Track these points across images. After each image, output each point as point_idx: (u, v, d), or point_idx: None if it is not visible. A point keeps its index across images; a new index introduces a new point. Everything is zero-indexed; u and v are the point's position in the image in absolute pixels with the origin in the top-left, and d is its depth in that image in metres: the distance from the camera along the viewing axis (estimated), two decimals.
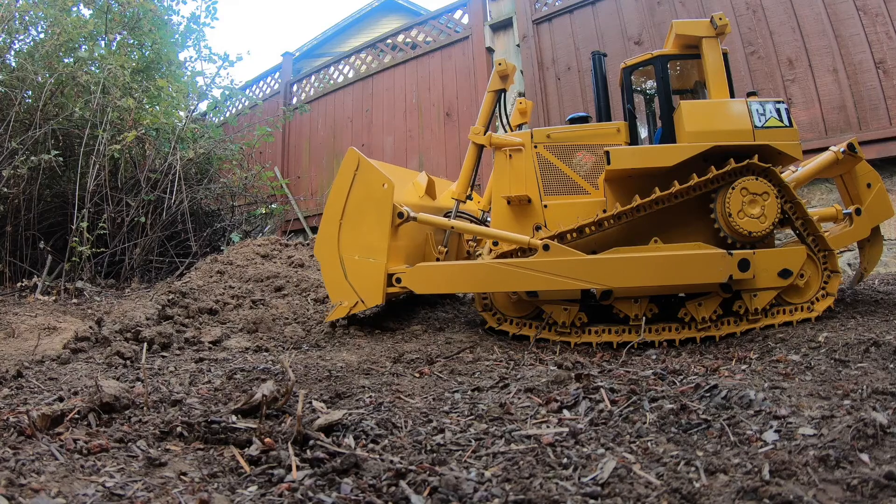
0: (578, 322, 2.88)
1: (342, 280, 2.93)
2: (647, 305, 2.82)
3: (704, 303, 2.76)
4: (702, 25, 3.02)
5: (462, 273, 2.88)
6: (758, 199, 2.76)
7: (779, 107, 2.90)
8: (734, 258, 2.65)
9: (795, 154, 2.85)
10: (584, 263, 2.72)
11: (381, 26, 11.64)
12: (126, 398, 1.63)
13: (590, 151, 3.19)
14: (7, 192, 4.68)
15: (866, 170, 3.06)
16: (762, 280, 2.73)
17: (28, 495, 1.07)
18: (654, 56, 3.16)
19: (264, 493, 1.16)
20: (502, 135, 3.32)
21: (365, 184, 2.94)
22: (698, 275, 2.66)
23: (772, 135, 2.85)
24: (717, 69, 3.01)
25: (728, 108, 2.93)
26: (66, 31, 5.25)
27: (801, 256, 2.75)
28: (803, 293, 2.81)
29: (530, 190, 3.18)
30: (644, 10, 5.66)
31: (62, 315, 3.30)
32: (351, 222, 2.94)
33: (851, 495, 1.00)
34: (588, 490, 1.12)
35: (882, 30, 4.43)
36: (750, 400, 1.48)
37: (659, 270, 2.67)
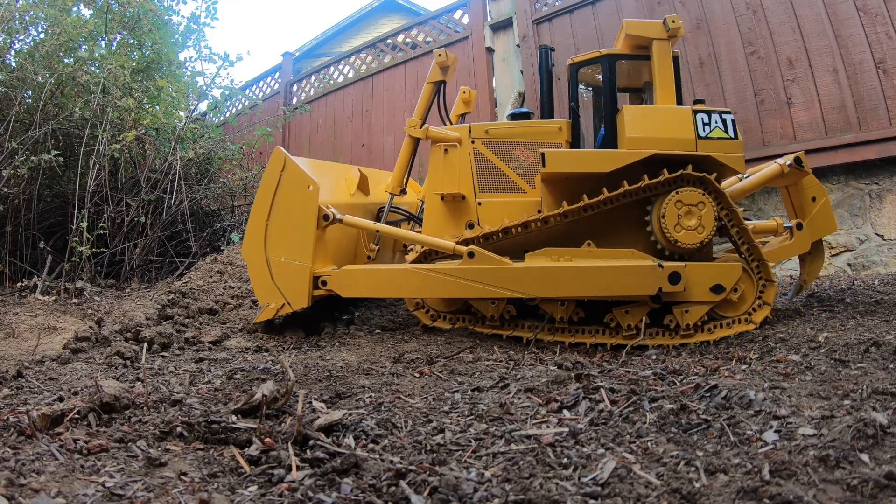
0: (507, 315, 2.85)
1: (269, 282, 2.88)
2: (574, 309, 2.78)
3: (632, 311, 2.70)
4: (654, 27, 2.94)
5: (385, 278, 2.86)
6: (694, 211, 2.67)
7: (725, 117, 2.81)
8: (664, 271, 2.58)
9: (738, 167, 2.78)
10: (508, 272, 2.68)
11: (381, 26, 11.64)
12: (126, 398, 1.63)
13: (529, 149, 3.10)
14: (7, 192, 4.68)
15: (812, 183, 3.01)
16: (694, 294, 2.66)
17: (28, 495, 1.07)
18: (601, 54, 3.07)
19: (264, 493, 1.16)
20: (440, 128, 3.25)
21: (290, 185, 2.89)
22: (626, 287, 2.62)
23: (715, 146, 2.77)
24: (665, 73, 2.92)
25: (671, 116, 2.85)
26: (66, 31, 5.25)
27: (735, 272, 2.67)
28: (738, 307, 2.72)
29: (465, 187, 3.12)
30: (644, 10, 5.66)
31: (62, 315, 3.29)
32: (277, 224, 2.89)
33: (851, 495, 1.00)
34: (588, 490, 1.12)
35: (882, 30, 4.43)
36: (750, 400, 1.48)
37: (584, 281, 2.62)
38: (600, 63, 3.09)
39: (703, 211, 2.67)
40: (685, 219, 2.67)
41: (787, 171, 2.99)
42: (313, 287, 2.85)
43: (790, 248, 2.97)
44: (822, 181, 4.71)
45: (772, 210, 4.90)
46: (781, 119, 4.83)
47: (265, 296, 2.91)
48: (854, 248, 4.52)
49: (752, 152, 4.90)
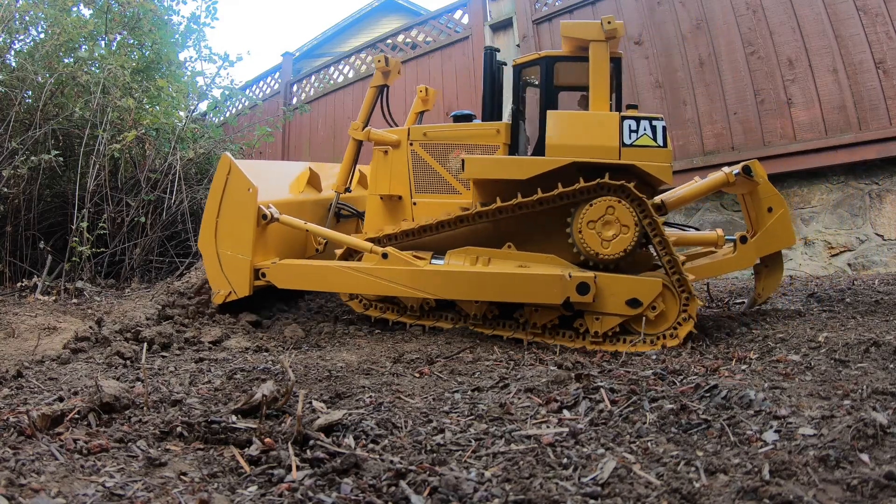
0: (427, 307, 2.98)
1: (219, 272, 3.18)
2: (488, 307, 2.84)
3: (542, 311, 2.74)
4: (590, 28, 2.87)
5: (314, 273, 3.06)
6: (612, 221, 2.63)
7: (655, 124, 2.69)
8: (573, 281, 2.57)
9: (664, 177, 2.65)
10: (419, 274, 2.79)
11: (381, 26, 11.64)
12: (126, 398, 1.63)
13: (466, 151, 3.11)
14: (7, 192, 4.68)
15: (768, 193, 2.89)
16: (608, 305, 2.63)
17: (28, 495, 1.07)
18: (541, 56, 3.04)
19: (264, 493, 1.16)
20: (381, 131, 3.34)
21: (234, 187, 3.13)
22: (533, 295, 2.64)
23: (640, 154, 2.67)
24: (599, 76, 2.84)
25: (596, 122, 2.76)
26: (66, 31, 5.25)
27: (654, 288, 2.59)
28: (657, 324, 2.64)
29: (402, 187, 3.22)
30: (644, 10, 5.66)
31: (62, 315, 3.29)
32: (225, 221, 3.16)
33: (851, 495, 1.00)
34: (588, 490, 1.12)
35: (882, 30, 4.43)
36: (750, 400, 1.48)
37: (492, 287, 2.68)
38: (539, 65, 3.05)
39: (623, 221, 2.61)
40: (603, 229, 2.64)
41: (734, 181, 2.89)
42: (254, 278, 3.12)
43: (731, 263, 2.87)
44: (822, 181, 4.74)
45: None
46: (781, 119, 4.83)
47: (216, 284, 3.22)
48: (854, 248, 4.52)
49: (753, 152, 4.90)
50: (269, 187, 3.27)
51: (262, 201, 3.10)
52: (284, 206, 3.26)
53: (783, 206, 2.87)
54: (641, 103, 5.59)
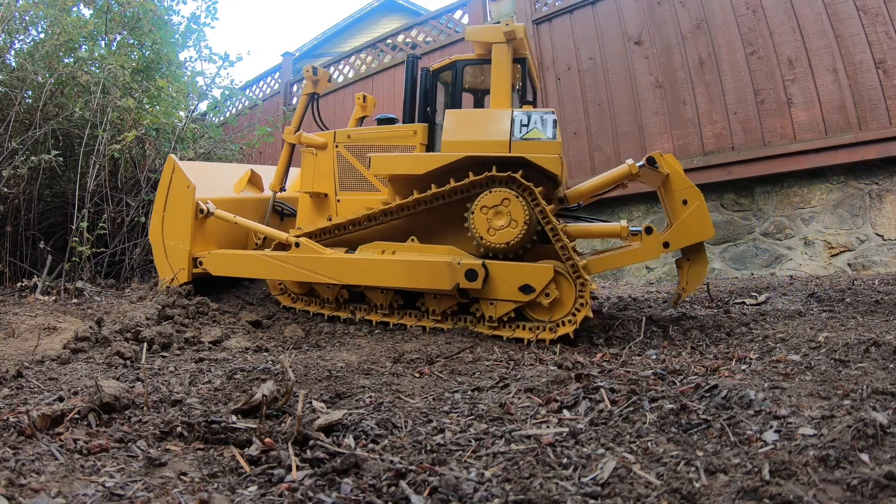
0: (341, 298, 3.25)
1: (164, 260, 3.61)
2: (393, 296, 3.08)
3: (440, 299, 2.94)
4: (491, 31, 3.05)
5: (241, 261, 3.39)
6: (503, 211, 2.75)
7: (546, 117, 2.83)
8: (461, 268, 2.74)
9: (552, 168, 2.77)
10: (325, 262, 3.09)
11: (381, 26, 11.65)
12: (126, 398, 1.63)
13: (386, 152, 3.33)
14: (7, 192, 4.68)
15: (683, 185, 2.91)
16: (502, 291, 2.76)
17: (28, 495, 1.07)
18: (453, 60, 3.27)
19: (264, 493, 1.16)
20: (311, 134, 3.65)
21: (177, 185, 3.56)
22: (426, 280, 2.83)
23: (529, 147, 2.81)
24: (499, 76, 3.02)
25: (489, 118, 2.94)
26: (66, 31, 5.24)
27: (546, 274, 2.70)
28: (553, 311, 2.74)
29: (327, 186, 3.54)
30: (644, 10, 5.66)
31: (62, 315, 3.29)
32: (170, 215, 3.59)
33: (851, 495, 1.00)
34: (588, 490, 1.12)
35: (882, 30, 4.43)
36: (750, 400, 1.48)
37: (388, 273, 2.92)
38: (451, 69, 3.28)
39: (513, 212, 2.73)
40: (494, 219, 2.77)
41: (637, 172, 2.98)
42: (193, 266, 3.53)
43: (635, 254, 2.93)
44: (822, 181, 4.75)
45: (772, 209, 4.91)
46: (781, 119, 4.83)
47: (162, 271, 3.65)
48: (854, 248, 4.52)
49: (753, 152, 4.91)
50: (212, 186, 3.70)
51: (200, 198, 3.49)
52: (226, 203, 3.66)
53: (699, 198, 2.88)
54: (641, 103, 5.60)
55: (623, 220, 3.65)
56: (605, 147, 5.79)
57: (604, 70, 5.89)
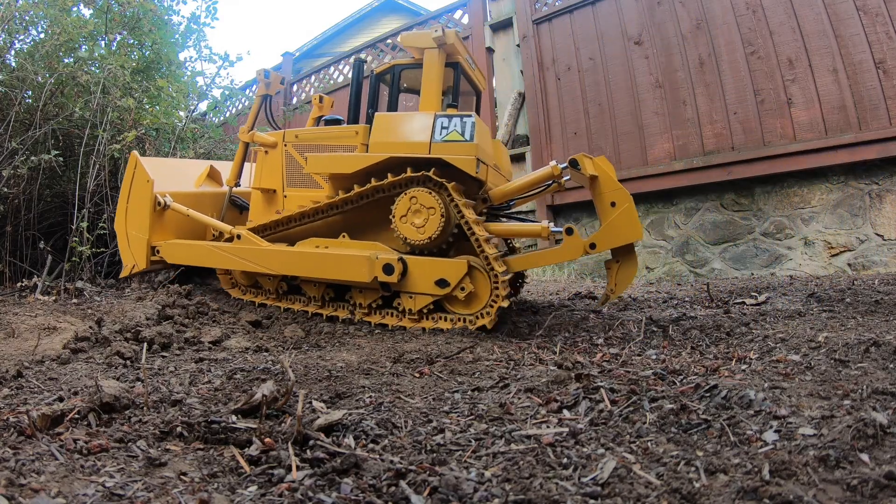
0: (280, 290, 3.52)
1: (127, 248, 3.89)
2: (325, 289, 3.32)
3: (365, 292, 3.16)
4: (422, 37, 3.20)
5: (192, 250, 3.65)
6: (422, 210, 2.95)
7: (465, 120, 2.98)
8: (379, 262, 2.95)
9: (466, 168, 2.90)
10: (260, 253, 3.34)
11: (381, 26, 11.65)
12: (126, 398, 1.63)
13: (329, 151, 3.49)
14: (7, 192, 4.68)
15: (612, 187, 2.97)
16: (419, 285, 2.96)
17: (28, 495, 1.07)
18: (392, 65, 3.42)
19: (264, 493, 1.16)
20: (263, 134, 3.88)
21: (138, 179, 3.83)
22: (346, 272, 3.04)
23: (447, 148, 2.96)
24: (429, 80, 3.17)
25: (413, 121, 3.12)
26: (66, 31, 5.25)
27: (460, 270, 2.87)
28: (469, 305, 2.93)
29: (276, 182, 3.77)
30: (644, 10, 5.66)
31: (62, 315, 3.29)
32: (132, 206, 3.86)
33: (851, 495, 1.00)
34: (588, 490, 1.12)
35: (882, 30, 4.43)
36: (750, 400, 1.48)
37: (317, 265, 3.14)
38: (390, 73, 3.44)
39: (432, 213, 2.93)
40: (413, 216, 2.98)
41: (560, 173, 3.11)
42: (151, 254, 3.80)
43: (556, 254, 3.00)
44: (822, 181, 4.75)
45: (772, 209, 4.91)
46: (781, 119, 4.83)
47: (125, 258, 3.92)
48: (854, 248, 4.52)
49: (753, 152, 4.91)
50: (172, 181, 3.97)
51: (159, 191, 3.75)
52: (185, 196, 3.92)
53: (627, 200, 2.93)
54: (641, 103, 5.60)
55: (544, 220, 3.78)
56: (606, 147, 5.79)
57: (604, 70, 5.89)
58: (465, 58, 3.41)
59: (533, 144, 6.35)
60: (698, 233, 5.27)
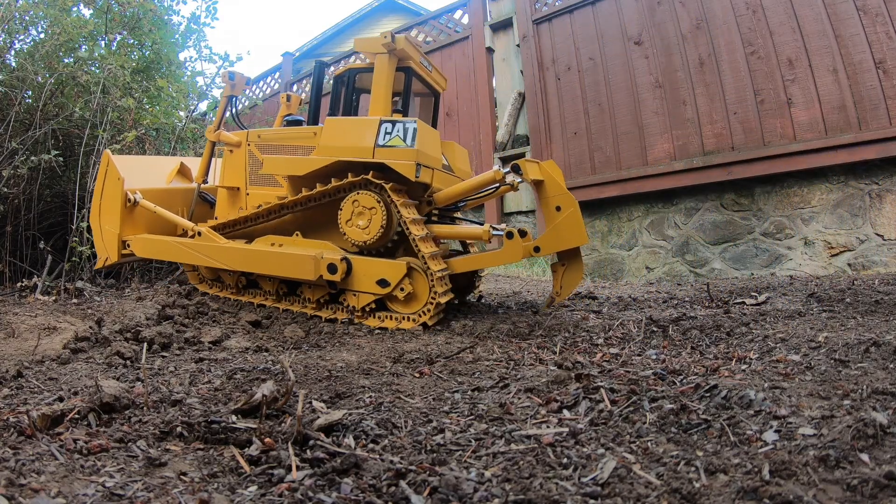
0: (240, 285, 3.65)
1: (100, 240, 4.04)
2: (279, 285, 3.45)
3: (314, 288, 3.30)
4: (374, 42, 3.26)
5: (159, 245, 3.80)
6: (365, 212, 3.09)
7: (408, 126, 3.05)
8: (324, 261, 3.08)
9: (406, 173, 3.00)
10: (217, 249, 3.47)
11: (381, 26, 11.65)
12: (126, 398, 1.63)
13: (289, 151, 3.61)
14: (7, 192, 4.68)
15: (557, 192, 3.01)
16: (363, 284, 3.09)
17: (28, 495, 1.07)
18: (347, 68, 3.52)
19: (264, 493, 1.16)
20: (229, 133, 3.98)
21: (110, 177, 3.98)
22: (294, 270, 3.16)
23: (388, 153, 3.06)
24: (378, 84, 3.24)
25: (359, 126, 3.19)
26: (66, 31, 5.25)
27: (399, 271, 2.99)
28: (409, 304, 3.04)
29: (240, 180, 3.88)
30: (644, 10, 5.66)
31: (62, 315, 3.29)
32: (105, 202, 4.02)
33: (851, 495, 1.00)
34: (588, 490, 1.12)
35: (882, 30, 4.43)
36: (750, 400, 1.48)
37: (268, 262, 3.27)
38: (347, 76, 3.52)
39: (374, 215, 3.06)
40: (357, 218, 3.12)
41: (502, 177, 3.13)
42: (121, 247, 3.95)
43: (496, 256, 3.07)
44: (822, 181, 4.74)
45: (772, 209, 4.91)
46: (781, 119, 4.83)
47: (99, 251, 4.07)
48: (854, 248, 4.52)
49: (753, 152, 4.91)
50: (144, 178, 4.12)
51: (130, 188, 3.92)
52: (154, 193, 4.07)
53: (573, 205, 2.97)
54: (641, 103, 5.60)
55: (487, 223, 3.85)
56: (605, 147, 5.79)
57: (604, 70, 5.89)
58: (418, 61, 3.46)
59: (533, 144, 6.35)
60: (698, 233, 5.27)
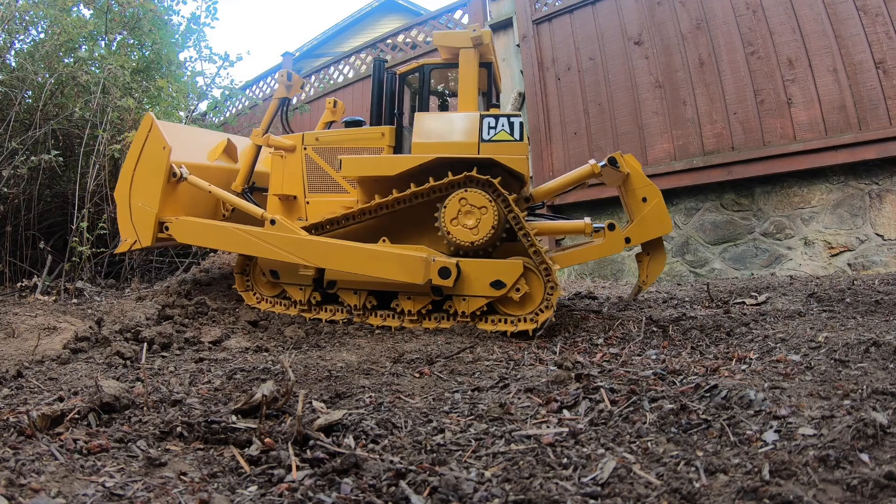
0: (314, 300, 3.26)
1: (128, 221, 3.45)
2: (367, 297, 3.12)
3: (414, 298, 3.00)
4: (459, 36, 3.10)
5: (210, 231, 3.31)
6: (474, 211, 2.84)
7: (513, 120, 2.92)
8: (436, 265, 2.81)
9: (519, 168, 2.87)
10: (301, 243, 3.05)
11: (381, 26, 11.65)
12: (126, 398, 1.63)
13: (354, 154, 3.33)
14: (7, 192, 4.68)
15: (643, 183, 3.04)
16: (474, 287, 2.86)
17: (28, 495, 1.07)
18: (420, 64, 3.32)
19: (264, 493, 1.16)
20: (279, 137, 3.58)
21: (152, 144, 3.39)
22: (398, 272, 2.85)
23: (497, 148, 2.90)
24: (467, 80, 3.08)
25: (458, 121, 3.02)
26: (66, 31, 5.25)
27: (516, 270, 2.81)
28: (524, 306, 2.86)
29: (296, 188, 3.50)
30: (644, 10, 5.66)
31: (62, 315, 3.29)
32: (140, 175, 3.42)
33: (851, 495, 1.00)
34: (588, 490, 1.12)
35: (882, 30, 4.43)
36: (750, 400, 1.48)
37: (362, 260, 2.91)
38: (419, 72, 3.32)
39: (484, 214, 2.83)
40: (465, 218, 2.86)
41: (599, 171, 3.09)
42: (158, 230, 3.37)
43: (599, 249, 3.07)
44: (822, 181, 4.74)
45: (772, 209, 4.91)
46: (781, 119, 4.83)
47: (125, 232, 3.47)
48: (854, 248, 4.52)
49: (753, 152, 4.91)
50: (187, 150, 3.54)
51: (174, 161, 3.35)
52: (197, 169, 3.50)
53: (657, 195, 3.03)
54: (641, 103, 5.60)
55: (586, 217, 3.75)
56: (606, 147, 5.79)
57: (604, 70, 5.89)
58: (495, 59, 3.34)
59: (533, 144, 6.35)
60: (698, 233, 5.27)
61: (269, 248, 3.10)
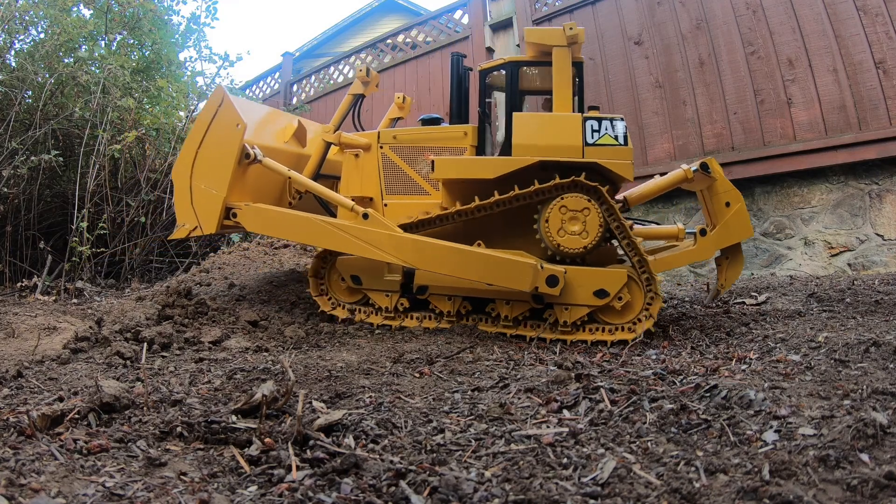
0: (401, 307, 3.04)
1: (188, 205, 3.11)
2: (461, 303, 2.96)
3: (512, 304, 2.86)
4: (554, 34, 2.93)
5: (288, 221, 3.04)
6: (579, 217, 2.73)
7: (616, 123, 2.81)
8: (544, 272, 2.68)
9: (625, 174, 2.77)
10: (394, 239, 2.83)
11: (381, 26, 11.64)
12: (126, 398, 1.63)
13: (434, 154, 3.15)
14: (7, 192, 4.68)
15: (726, 188, 3.00)
16: (577, 296, 2.75)
17: (28, 495, 1.07)
18: (506, 61, 3.12)
19: (264, 493, 1.16)
20: (352, 134, 3.31)
21: (223, 120, 3.06)
22: (504, 278, 2.71)
23: (602, 152, 2.79)
24: (562, 80, 2.93)
25: (560, 123, 2.86)
26: (66, 31, 5.25)
27: (620, 279, 2.73)
28: (623, 314, 2.79)
29: (373, 189, 3.25)
30: (644, 10, 5.66)
31: (62, 315, 3.29)
32: (205, 153, 3.08)
33: (851, 495, 1.00)
34: (588, 490, 1.12)
35: (882, 30, 4.43)
36: (750, 400, 1.48)
37: (466, 264, 2.74)
38: (505, 69, 3.12)
39: (589, 219, 2.72)
40: (569, 224, 2.73)
41: (692, 177, 3.01)
42: (224, 217, 3.06)
43: (691, 254, 3.02)
44: (822, 181, 4.74)
45: (772, 209, 4.91)
46: (781, 119, 4.83)
47: (183, 217, 3.15)
48: (854, 248, 4.52)
49: (753, 152, 4.91)
50: (258, 130, 3.27)
51: (248, 140, 3.05)
52: (268, 151, 3.21)
53: (740, 200, 3.00)
54: (641, 103, 5.59)
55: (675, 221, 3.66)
56: None
57: (604, 70, 5.89)
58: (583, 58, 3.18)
59: None
60: None
61: (361, 244, 2.86)
